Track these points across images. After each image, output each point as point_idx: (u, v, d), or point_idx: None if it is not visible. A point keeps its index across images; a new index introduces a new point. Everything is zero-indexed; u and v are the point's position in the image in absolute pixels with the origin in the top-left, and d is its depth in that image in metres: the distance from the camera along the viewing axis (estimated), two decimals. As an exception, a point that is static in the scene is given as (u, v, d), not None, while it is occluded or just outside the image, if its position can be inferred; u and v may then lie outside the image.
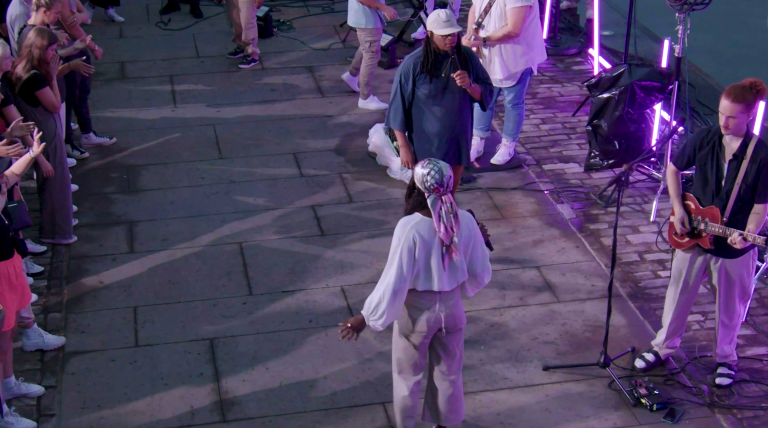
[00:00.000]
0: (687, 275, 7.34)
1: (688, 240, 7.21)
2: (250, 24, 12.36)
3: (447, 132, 8.33)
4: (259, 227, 9.40)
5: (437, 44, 8.12)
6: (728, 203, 6.99)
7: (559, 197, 9.88)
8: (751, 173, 6.89)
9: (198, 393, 7.46)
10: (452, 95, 8.27)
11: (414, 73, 8.26)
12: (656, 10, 10.79)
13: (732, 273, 7.19)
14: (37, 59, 8.52)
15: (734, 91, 6.83)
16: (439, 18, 8.02)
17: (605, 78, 10.06)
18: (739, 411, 7.30)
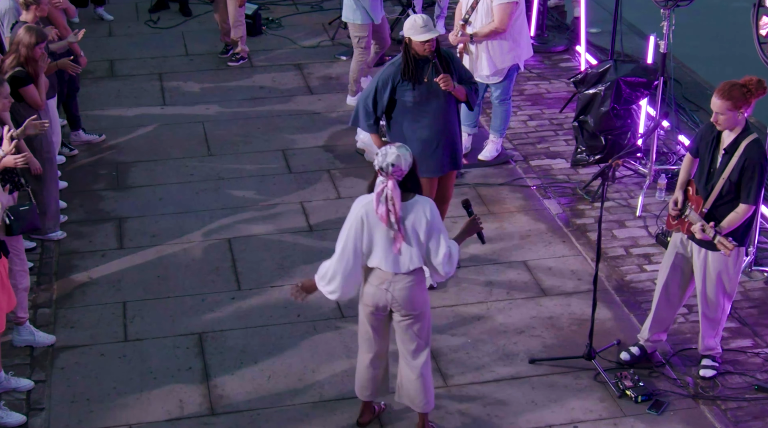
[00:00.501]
0: (674, 260, 7.42)
1: (676, 222, 7.31)
2: (237, 22, 12.41)
3: (437, 138, 8.15)
4: (247, 222, 9.45)
5: (416, 50, 7.92)
6: (710, 195, 7.07)
7: (545, 192, 9.96)
8: (736, 169, 6.96)
9: (187, 387, 7.51)
10: (437, 100, 8.09)
11: (394, 82, 8.06)
12: (643, 7, 10.86)
13: (712, 266, 7.25)
14: (24, 57, 8.57)
15: (723, 88, 6.89)
16: (415, 24, 7.84)
17: (591, 74, 10.14)
18: (723, 402, 7.38)
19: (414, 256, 6.49)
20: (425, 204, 6.46)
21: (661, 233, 9.05)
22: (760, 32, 8.17)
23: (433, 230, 6.45)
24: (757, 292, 8.53)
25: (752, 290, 8.56)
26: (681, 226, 7.29)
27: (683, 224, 7.25)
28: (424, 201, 6.47)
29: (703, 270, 7.29)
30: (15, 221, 7.43)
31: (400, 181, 6.40)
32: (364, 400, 7.11)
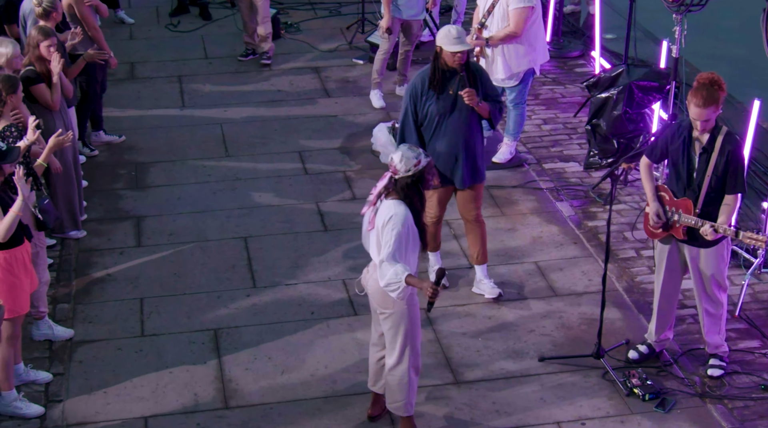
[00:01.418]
0: (667, 264, 7.54)
1: (661, 231, 7.41)
2: (266, 18, 12.60)
3: (456, 150, 8.14)
4: (263, 222, 9.60)
5: (446, 60, 7.93)
6: (700, 194, 7.19)
7: (558, 195, 10.07)
8: (720, 164, 7.11)
9: (201, 381, 7.66)
10: (460, 113, 8.07)
11: (421, 91, 8.09)
12: (658, 13, 10.95)
13: (706, 263, 7.39)
14: (34, 57, 8.75)
15: (705, 96, 6.98)
16: (449, 34, 7.87)
17: (604, 78, 10.25)
18: (730, 401, 7.47)
19: (375, 249, 6.73)
20: (398, 211, 6.56)
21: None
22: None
23: (382, 235, 6.59)
24: (766, 294, 8.61)
25: (761, 292, 8.64)
26: (674, 232, 7.38)
27: (676, 230, 7.35)
28: (400, 210, 6.57)
29: (698, 270, 7.42)
30: (45, 215, 7.61)
31: (396, 178, 6.61)
32: (373, 391, 7.23)
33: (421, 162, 6.59)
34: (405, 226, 6.57)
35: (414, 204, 6.67)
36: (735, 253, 8.90)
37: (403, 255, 6.58)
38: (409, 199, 6.63)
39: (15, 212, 6.83)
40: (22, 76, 8.66)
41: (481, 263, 8.55)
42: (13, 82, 7.94)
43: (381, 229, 6.62)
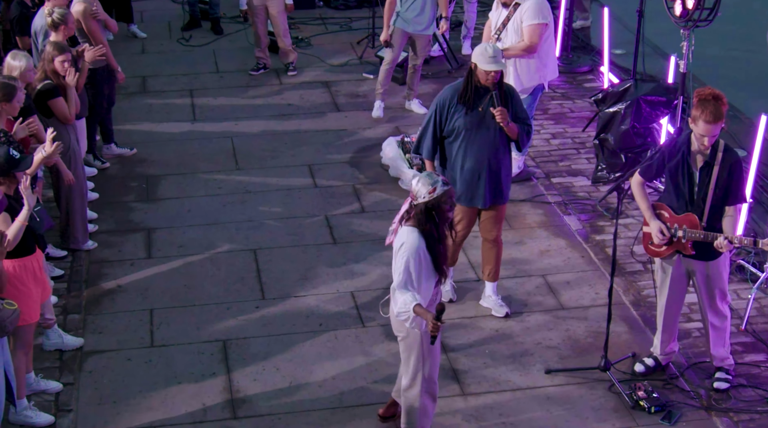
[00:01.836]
0: (671, 282, 7.59)
1: (666, 248, 7.44)
2: (285, 31, 12.75)
3: (480, 168, 8.10)
4: (272, 234, 9.67)
5: (479, 78, 7.94)
6: (705, 208, 7.24)
7: (566, 208, 10.12)
8: (722, 177, 7.17)
9: (210, 391, 7.72)
10: (487, 131, 8.03)
11: (450, 104, 8.08)
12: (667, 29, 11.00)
13: (712, 275, 7.46)
14: (50, 71, 8.85)
15: (712, 112, 7.02)
16: (485, 53, 7.87)
17: (612, 93, 10.31)
18: (736, 414, 7.50)
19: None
20: (409, 239, 6.54)
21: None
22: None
23: (394, 262, 6.62)
24: (773, 308, 8.67)
25: (767, 306, 8.68)
26: (680, 248, 7.41)
27: (683, 246, 7.38)
28: (412, 238, 6.54)
29: (705, 281, 7.47)
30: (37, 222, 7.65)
31: (414, 204, 6.60)
32: (392, 397, 7.30)
33: (437, 190, 6.49)
34: (416, 254, 6.52)
35: (430, 232, 6.57)
36: (741, 267, 8.95)
37: (414, 283, 6.54)
38: (424, 226, 6.55)
39: (21, 222, 6.90)
40: (42, 90, 8.77)
41: (493, 281, 8.59)
42: (8, 90, 7.95)
43: (395, 255, 6.64)
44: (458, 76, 12.83)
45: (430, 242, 6.58)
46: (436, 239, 6.59)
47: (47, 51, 8.91)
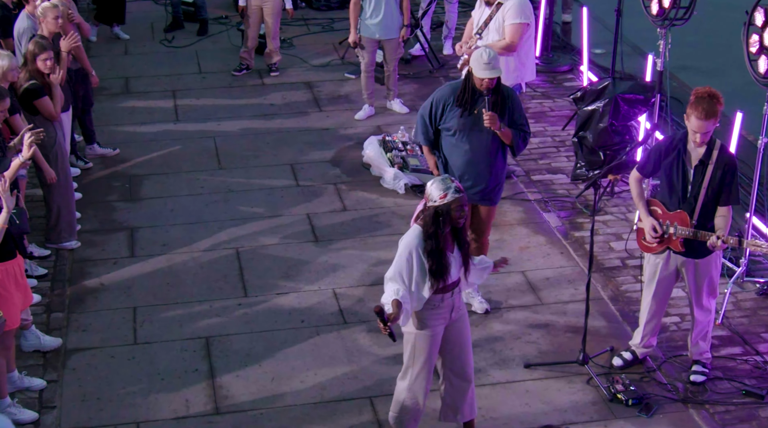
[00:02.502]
0: (660, 278, 7.68)
1: (657, 244, 7.54)
2: (276, 33, 12.88)
3: (472, 169, 8.15)
4: (255, 233, 9.75)
5: (475, 83, 7.98)
6: (696, 206, 7.33)
7: (546, 206, 10.22)
8: (716, 177, 7.24)
9: (193, 388, 7.79)
10: (481, 134, 8.05)
11: (446, 102, 8.10)
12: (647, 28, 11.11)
13: (702, 272, 7.54)
14: (33, 71, 8.91)
15: (705, 109, 7.12)
16: (480, 59, 7.87)
17: (590, 91, 10.42)
18: (712, 406, 7.61)
19: None
20: (408, 237, 6.61)
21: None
22: (750, 50, 8.44)
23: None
24: (749, 302, 8.77)
25: (744, 300, 8.79)
26: (671, 245, 7.52)
27: (673, 243, 7.49)
28: (410, 237, 6.59)
29: (695, 278, 7.56)
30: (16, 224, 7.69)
31: (426, 205, 6.59)
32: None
33: (447, 197, 6.45)
34: (408, 253, 6.54)
35: (434, 236, 6.52)
36: (718, 262, 9.06)
37: (404, 278, 6.57)
38: (428, 229, 6.52)
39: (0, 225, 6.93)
40: (29, 89, 8.83)
41: None
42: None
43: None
44: (440, 75, 13.01)
45: (431, 247, 6.53)
46: (438, 244, 6.54)
47: (29, 50, 8.98)
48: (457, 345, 6.96)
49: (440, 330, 6.83)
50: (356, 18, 11.68)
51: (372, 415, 7.54)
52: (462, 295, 6.95)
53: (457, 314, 6.86)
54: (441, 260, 6.57)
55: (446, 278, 6.62)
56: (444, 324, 6.84)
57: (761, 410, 7.56)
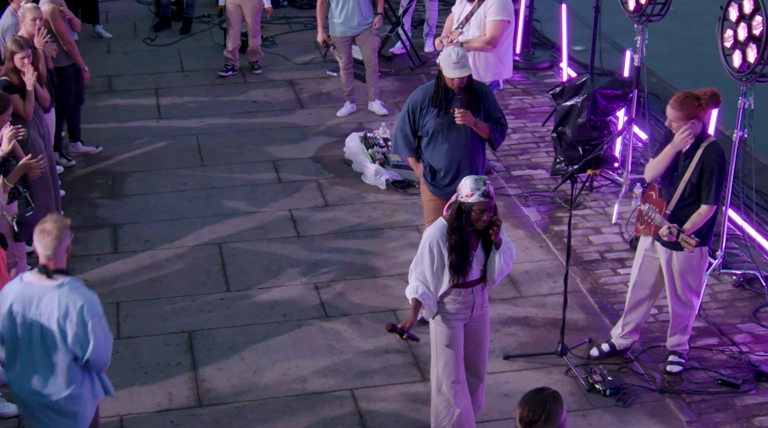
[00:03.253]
0: (642, 261, 7.79)
1: (644, 226, 7.66)
2: (256, 32, 12.95)
3: (451, 167, 8.15)
4: (237, 229, 9.82)
5: (446, 82, 7.98)
6: (673, 198, 7.44)
7: (526, 200, 10.33)
8: (695, 172, 7.35)
9: (176, 381, 7.87)
10: (458, 132, 8.06)
11: (422, 105, 8.10)
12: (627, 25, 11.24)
13: (678, 265, 7.63)
14: (9, 68, 8.97)
15: (677, 98, 7.29)
16: (449, 58, 7.83)
17: (569, 87, 10.52)
18: (688, 396, 7.72)
19: None
20: (429, 231, 6.67)
21: (634, 239, 9.40)
22: (725, 44, 8.55)
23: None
24: (725, 294, 8.89)
25: (720, 292, 8.91)
26: (648, 230, 7.64)
27: (650, 227, 7.61)
28: (431, 230, 6.65)
29: (670, 271, 7.67)
30: (21, 228, 7.78)
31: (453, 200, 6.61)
32: None
33: (473, 196, 6.45)
34: (428, 244, 6.60)
35: (459, 231, 6.55)
36: (695, 255, 9.17)
37: (424, 272, 6.65)
38: (453, 223, 6.56)
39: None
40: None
41: None
42: (2, 102, 8.09)
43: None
44: (421, 73, 13.11)
45: (454, 242, 6.57)
46: (461, 240, 6.57)
47: (6, 48, 9.03)
48: (474, 342, 7.00)
49: (458, 325, 6.85)
50: (323, 17, 11.76)
51: (353, 407, 7.62)
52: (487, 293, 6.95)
53: (478, 312, 6.88)
54: (462, 256, 6.60)
55: (465, 274, 6.66)
56: (464, 321, 6.86)
57: (737, 399, 7.68)
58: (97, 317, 5.94)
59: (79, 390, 6.07)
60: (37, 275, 5.98)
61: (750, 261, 9.14)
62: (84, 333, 5.89)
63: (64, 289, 5.90)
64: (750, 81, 8.35)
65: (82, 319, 5.87)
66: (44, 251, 5.95)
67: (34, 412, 6.12)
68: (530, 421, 4.91)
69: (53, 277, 5.95)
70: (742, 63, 8.36)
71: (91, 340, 5.91)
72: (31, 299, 5.92)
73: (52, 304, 5.87)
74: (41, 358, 5.98)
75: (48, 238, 5.93)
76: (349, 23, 11.64)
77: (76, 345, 5.91)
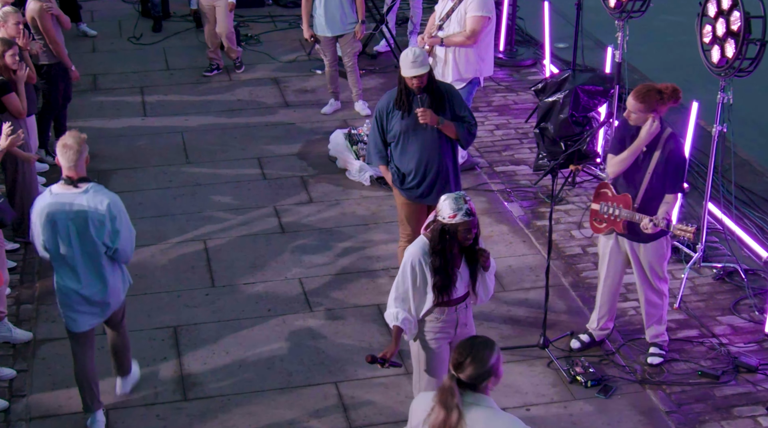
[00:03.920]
0: (610, 260, 7.90)
1: (605, 225, 7.75)
2: (231, 33, 12.97)
3: (420, 168, 8.12)
4: (222, 225, 9.89)
5: (406, 82, 7.96)
6: (639, 191, 7.54)
7: (509, 196, 10.41)
8: (660, 163, 7.45)
9: (161, 375, 7.93)
10: (424, 132, 8.03)
11: (387, 109, 8.09)
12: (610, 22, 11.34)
13: (645, 256, 7.77)
14: (1, 67, 9.01)
15: (640, 91, 7.40)
16: (406, 58, 7.82)
17: (551, 83, 10.61)
18: (668, 387, 7.81)
19: None
20: (410, 249, 6.53)
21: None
22: (704, 40, 8.65)
23: None
24: (705, 287, 8.98)
25: (701, 285, 9.01)
26: (614, 226, 7.72)
27: (615, 224, 7.69)
28: (415, 247, 6.50)
29: (638, 262, 7.79)
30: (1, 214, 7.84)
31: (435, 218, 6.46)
32: None
33: (456, 217, 6.30)
34: (410, 263, 6.45)
35: (442, 254, 6.40)
36: (677, 249, 9.27)
37: (402, 298, 6.53)
38: (435, 245, 6.40)
39: None
40: None
41: None
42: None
43: None
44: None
45: (438, 264, 6.41)
46: (444, 262, 6.41)
47: None
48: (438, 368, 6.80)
49: (443, 344, 6.70)
50: (307, 14, 11.82)
51: (337, 399, 7.70)
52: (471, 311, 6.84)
53: (462, 330, 6.70)
54: (446, 277, 6.45)
55: (450, 293, 6.51)
56: (448, 339, 6.70)
57: (716, 390, 7.77)
58: (121, 213, 6.99)
59: (114, 282, 7.15)
60: (64, 186, 6.91)
61: (730, 255, 9.25)
62: (113, 227, 6.91)
63: (90, 193, 6.88)
64: (728, 76, 8.44)
65: (111, 214, 6.89)
66: (67, 163, 6.90)
67: (75, 306, 7.10)
68: (457, 363, 4.97)
69: (78, 185, 6.90)
70: (721, 58, 8.46)
71: (120, 231, 6.94)
72: (64, 206, 6.84)
73: (83, 207, 6.83)
74: (80, 257, 6.94)
75: (69, 152, 6.86)
76: (332, 22, 11.69)
77: (108, 238, 6.92)
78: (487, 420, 4.94)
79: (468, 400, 4.96)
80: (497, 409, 5.00)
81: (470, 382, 4.96)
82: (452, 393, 4.92)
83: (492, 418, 4.95)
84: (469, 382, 4.96)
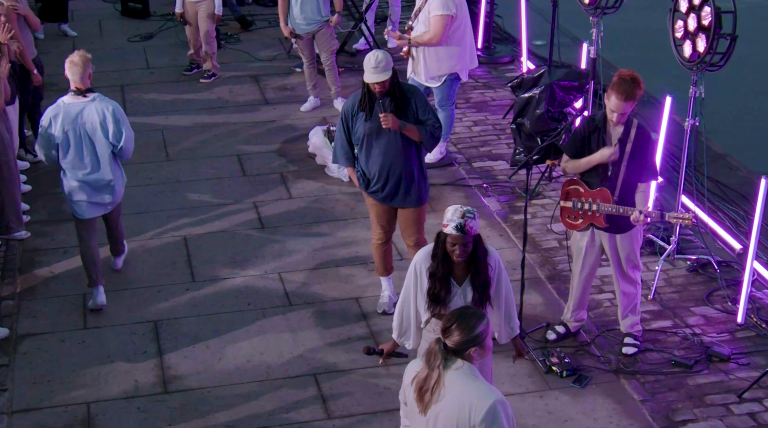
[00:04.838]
0: (586, 254, 8.02)
1: (582, 221, 7.87)
2: (210, 38, 12.96)
3: (384, 171, 8.12)
4: (203, 221, 9.97)
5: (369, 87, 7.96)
6: (617, 184, 7.67)
7: (486, 191, 10.52)
8: (635, 154, 7.59)
9: (142, 369, 8.01)
10: (389, 135, 8.02)
11: (352, 112, 8.11)
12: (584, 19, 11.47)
13: (622, 246, 7.89)
14: None
15: (625, 91, 7.45)
16: (368, 63, 7.81)
17: (527, 79, 10.73)
18: (642, 376, 7.93)
19: None
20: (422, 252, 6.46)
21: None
22: (676, 35, 8.78)
23: None
24: (680, 279, 9.11)
25: (675, 276, 9.14)
26: (594, 221, 7.83)
27: (595, 219, 7.80)
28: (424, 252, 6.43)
29: (616, 254, 7.91)
30: None
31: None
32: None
33: (447, 228, 6.17)
34: (413, 268, 6.39)
35: (437, 258, 6.29)
36: (651, 241, 9.40)
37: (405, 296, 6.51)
38: (434, 249, 6.32)
39: None
40: None
41: None
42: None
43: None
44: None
45: (432, 269, 6.31)
46: (437, 267, 6.29)
47: None
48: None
49: None
50: (284, 12, 11.87)
51: (316, 391, 7.79)
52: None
53: None
54: (439, 285, 6.30)
55: (444, 305, 6.32)
56: None
57: (689, 378, 7.90)
58: (123, 116, 8.48)
59: (117, 176, 8.60)
60: (73, 96, 8.40)
61: (703, 247, 9.39)
62: (118, 128, 8.38)
63: (96, 101, 8.41)
64: (700, 70, 8.57)
65: (115, 117, 8.38)
66: (74, 77, 8.39)
67: (82, 193, 8.50)
68: (445, 328, 5.18)
69: (85, 95, 8.38)
70: (692, 53, 8.59)
71: (123, 132, 8.41)
72: (75, 112, 8.32)
73: (92, 112, 8.33)
74: (90, 153, 8.39)
75: (76, 68, 8.37)
76: (307, 19, 11.76)
77: (114, 138, 8.39)
78: (463, 385, 5.13)
79: (451, 364, 5.16)
80: (478, 376, 5.15)
81: (455, 348, 5.15)
82: (436, 355, 5.15)
83: (469, 383, 5.13)
84: (454, 347, 5.15)
